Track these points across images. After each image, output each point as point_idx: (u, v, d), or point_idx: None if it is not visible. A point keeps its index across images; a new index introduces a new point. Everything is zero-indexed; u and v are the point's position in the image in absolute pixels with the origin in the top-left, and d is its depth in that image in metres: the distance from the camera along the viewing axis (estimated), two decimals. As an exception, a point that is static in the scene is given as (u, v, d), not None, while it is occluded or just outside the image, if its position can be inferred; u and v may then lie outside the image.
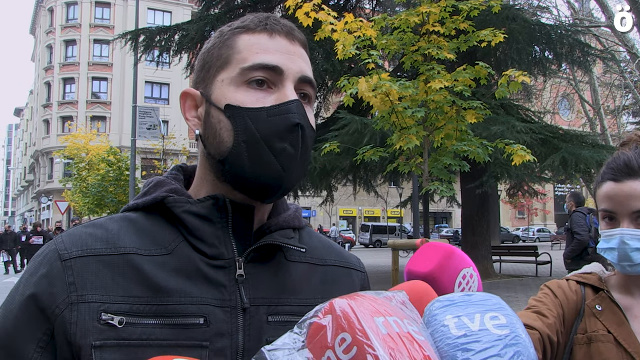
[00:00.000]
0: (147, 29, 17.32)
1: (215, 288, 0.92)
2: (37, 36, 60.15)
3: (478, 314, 0.83)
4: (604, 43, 22.26)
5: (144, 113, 22.72)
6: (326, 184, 18.33)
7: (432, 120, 7.22)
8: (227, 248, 0.96)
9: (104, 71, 48.75)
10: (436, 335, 0.81)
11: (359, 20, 6.95)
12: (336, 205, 31.04)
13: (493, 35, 7.01)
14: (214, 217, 0.96)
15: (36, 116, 56.19)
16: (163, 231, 0.96)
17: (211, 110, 0.98)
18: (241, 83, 0.96)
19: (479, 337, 0.79)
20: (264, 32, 0.99)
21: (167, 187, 1.00)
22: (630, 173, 1.49)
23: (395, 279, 7.18)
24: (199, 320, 0.89)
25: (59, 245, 0.91)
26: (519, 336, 0.81)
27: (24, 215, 70.78)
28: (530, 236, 53.06)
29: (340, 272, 1.11)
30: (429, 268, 1.06)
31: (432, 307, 0.87)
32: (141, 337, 0.85)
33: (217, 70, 0.99)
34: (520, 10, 16.48)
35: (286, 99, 0.95)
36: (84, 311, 0.85)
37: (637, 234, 1.45)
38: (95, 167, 31.01)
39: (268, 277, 0.98)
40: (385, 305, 0.78)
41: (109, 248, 0.91)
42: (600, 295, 1.57)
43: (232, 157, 0.94)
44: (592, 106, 26.70)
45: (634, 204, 1.46)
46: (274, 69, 0.96)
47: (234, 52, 0.98)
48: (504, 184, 22.10)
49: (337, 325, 0.72)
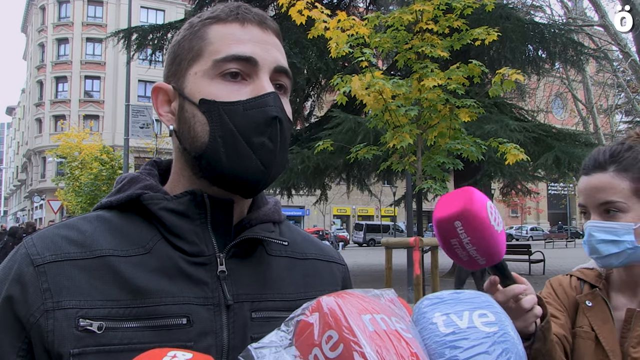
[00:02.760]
0: (140, 27, 17.27)
1: (196, 286, 0.90)
2: (28, 34, 59.84)
3: (467, 311, 0.83)
4: (597, 42, 22.32)
5: (137, 112, 22.69)
6: (320, 182, 18.34)
7: (426, 119, 7.22)
8: (207, 244, 0.93)
9: (97, 70, 48.61)
10: (424, 333, 0.81)
11: (352, 18, 6.94)
12: (330, 204, 31.03)
13: (487, 33, 7.01)
14: (192, 213, 0.94)
15: (28, 115, 55.93)
16: (139, 230, 0.93)
17: (185, 105, 0.95)
18: (215, 75, 0.93)
19: (467, 335, 0.79)
20: (236, 21, 0.96)
21: (141, 183, 0.97)
22: (597, 166, 1.50)
23: (389, 278, 7.16)
24: (181, 320, 0.87)
25: (31, 250, 0.87)
26: (508, 334, 0.81)
27: (16, 215, 70.45)
28: (524, 235, 53.34)
29: (322, 265, 1.10)
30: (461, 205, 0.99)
31: (421, 304, 0.87)
32: (122, 341, 0.83)
33: (189, 63, 0.96)
34: (514, 9, 16.49)
35: (263, 91, 0.92)
36: (61, 318, 0.82)
37: (601, 226, 1.45)
38: (88, 166, 30.95)
39: (250, 272, 0.96)
40: (373, 303, 0.77)
41: (84, 252, 0.88)
42: (593, 292, 1.57)
43: (209, 152, 0.91)
44: (585, 105, 26.77)
45: (600, 195, 1.46)
46: (248, 60, 0.93)
47: (205, 44, 0.95)
48: (498, 183, 22.14)
49: (324, 322, 0.72)
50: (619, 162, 1.47)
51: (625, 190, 1.44)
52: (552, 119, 32.30)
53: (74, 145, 33.79)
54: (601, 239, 1.44)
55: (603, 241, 1.44)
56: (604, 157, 1.50)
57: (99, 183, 29.43)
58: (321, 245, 1.16)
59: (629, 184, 1.45)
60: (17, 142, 74.98)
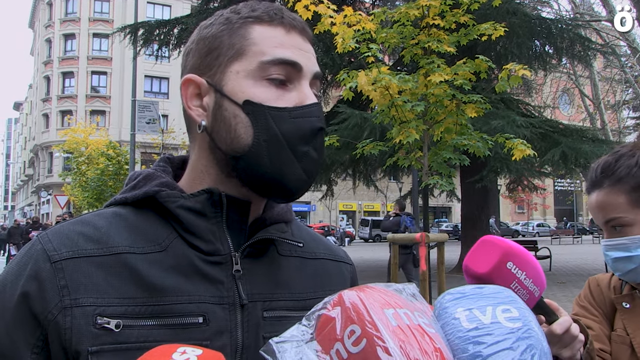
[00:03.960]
0: (146, 22, 17.27)
1: (212, 285, 0.90)
2: (36, 30, 59.98)
3: (490, 306, 0.82)
4: (604, 37, 22.24)
5: (143, 107, 22.69)
6: (326, 178, 18.32)
7: (432, 114, 7.19)
8: (222, 243, 0.93)
9: (104, 65, 48.67)
10: (447, 328, 0.80)
11: (359, 13, 6.91)
12: (336, 200, 31.02)
13: (493, 29, 6.97)
14: (209, 211, 0.93)
15: (35, 110, 56.12)
16: (155, 227, 0.92)
17: (224, 103, 0.93)
18: (260, 78, 0.92)
19: (491, 330, 0.78)
20: (281, 26, 0.95)
21: (157, 180, 0.96)
22: (593, 184, 1.46)
23: (394, 274, 7.17)
24: (198, 319, 0.86)
25: (47, 245, 0.86)
26: (532, 329, 0.81)
27: (23, 210, 70.72)
28: (530, 231, 53.18)
29: (331, 265, 1.10)
30: (501, 247, 0.97)
31: (443, 299, 0.86)
32: (139, 339, 0.82)
33: (229, 60, 0.94)
34: (521, 4, 16.42)
35: (307, 99, 0.92)
36: (79, 316, 0.81)
37: (612, 244, 1.41)
38: (94, 162, 31.00)
39: (263, 272, 0.96)
40: (395, 298, 0.77)
41: (100, 248, 0.87)
42: (633, 294, 1.49)
43: (251, 155, 0.90)
44: (593, 101, 26.68)
45: (602, 214, 1.42)
46: (294, 65, 0.93)
47: (249, 44, 0.93)
48: (504, 179, 22.07)
49: (347, 317, 0.72)
50: (611, 175, 1.42)
51: (622, 204, 1.39)
52: (559, 114, 32.17)
53: (81, 141, 33.86)
54: (615, 257, 1.40)
55: (617, 259, 1.39)
56: (596, 174, 1.45)
57: (106, 178, 29.48)
58: (330, 244, 1.16)
59: (625, 197, 1.39)
60: (24, 137, 75.21)
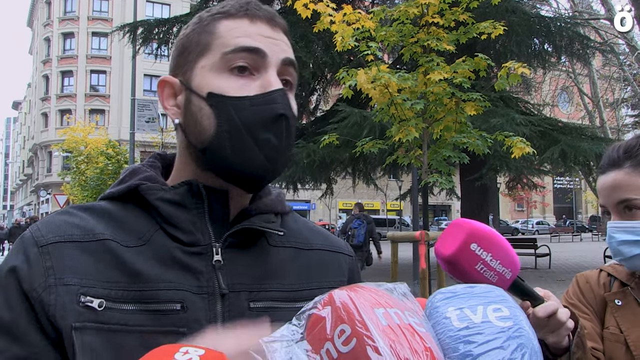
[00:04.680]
0: (145, 21, 17.25)
1: (192, 275, 0.91)
2: (34, 29, 59.99)
3: (480, 306, 0.82)
4: (603, 36, 22.21)
5: (142, 106, 22.72)
6: (325, 176, 18.32)
7: (432, 112, 7.20)
8: (203, 234, 0.94)
9: (103, 64, 48.65)
10: (438, 328, 0.80)
11: (358, 12, 6.92)
12: (336, 198, 31.00)
13: (493, 27, 6.97)
14: (189, 203, 0.95)
15: (34, 109, 56.10)
16: (138, 221, 0.94)
17: (192, 98, 0.96)
18: (223, 69, 0.94)
19: (481, 329, 0.78)
20: (245, 17, 0.96)
21: (141, 174, 0.99)
22: (612, 164, 1.42)
23: (394, 272, 7.17)
24: (175, 306, 0.87)
25: (35, 233, 0.90)
26: (523, 328, 0.80)
27: (22, 209, 70.75)
28: (530, 229, 53.22)
29: (327, 256, 1.09)
30: (466, 229, 0.99)
31: (434, 299, 0.86)
32: (120, 322, 0.84)
33: (196, 57, 0.97)
34: (520, 2, 16.39)
35: (270, 86, 0.93)
36: (63, 294, 0.84)
37: (621, 226, 1.36)
38: (94, 161, 31.04)
39: (248, 262, 0.97)
40: (386, 297, 0.76)
41: (86, 234, 0.90)
42: (624, 290, 1.46)
43: (214, 146, 0.92)
44: (591, 99, 26.69)
45: (617, 194, 1.38)
46: (257, 52, 0.94)
47: (214, 38, 0.96)
48: (504, 177, 22.08)
49: (337, 316, 0.71)
50: (634, 156, 1.38)
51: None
52: (558, 112, 32.21)
53: (80, 140, 33.88)
54: (622, 240, 1.35)
55: (624, 242, 1.35)
56: (618, 154, 1.41)
57: (105, 177, 29.49)
58: (328, 235, 1.15)
59: None
60: (23, 136, 75.20)
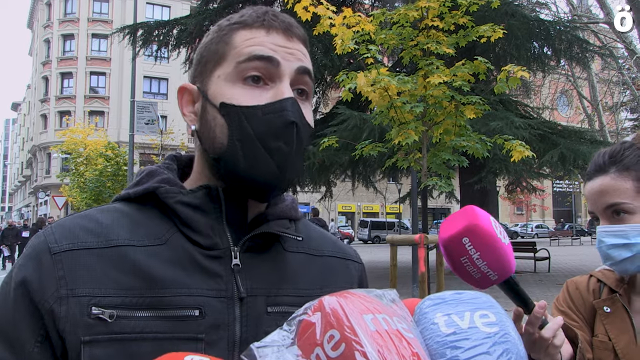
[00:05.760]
0: (145, 23, 17.29)
1: (211, 278, 0.91)
2: (34, 30, 60.00)
3: (468, 312, 0.83)
4: (602, 39, 22.28)
5: (142, 108, 22.72)
6: (325, 179, 18.35)
7: (431, 116, 7.22)
8: (221, 238, 0.95)
9: (102, 66, 48.67)
10: (426, 333, 0.81)
11: (358, 15, 6.93)
12: (335, 201, 31.05)
13: (492, 30, 6.99)
14: (207, 207, 0.95)
15: (34, 111, 56.07)
16: (156, 222, 0.95)
17: (207, 107, 0.97)
18: (237, 79, 0.95)
19: (468, 335, 0.79)
20: (262, 27, 0.97)
21: (159, 177, 0.99)
22: (598, 169, 1.44)
23: (394, 275, 7.17)
24: (194, 312, 0.87)
25: (49, 238, 0.90)
26: (509, 334, 0.82)
27: (21, 211, 70.72)
28: (529, 232, 53.21)
29: (338, 263, 1.11)
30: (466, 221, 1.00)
31: (423, 305, 0.87)
32: (134, 330, 0.84)
33: (213, 66, 0.98)
34: (519, 6, 16.45)
35: (282, 96, 0.93)
36: (74, 306, 0.84)
37: (610, 230, 1.37)
38: (93, 162, 31.07)
39: (266, 267, 0.97)
40: (375, 303, 0.77)
41: (100, 241, 0.89)
42: (613, 297, 1.47)
43: (227, 155, 0.93)
44: (591, 102, 26.73)
45: (604, 199, 1.40)
46: (270, 60, 0.94)
47: (230, 48, 0.97)
48: (503, 180, 22.10)
49: (326, 322, 0.72)
50: (619, 161, 1.40)
51: (629, 190, 1.37)
52: (557, 116, 32.23)
53: (79, 141, 33.87)
54: (611, 244, 1.36)
55: (614, 246, 1.35)
56: (604, 159, 1.43)
57: (104, 179, 29.53)
58: (338, 243, 1.17)
59: (632, 183, 1.37)
60: (22, 138, 75.13)
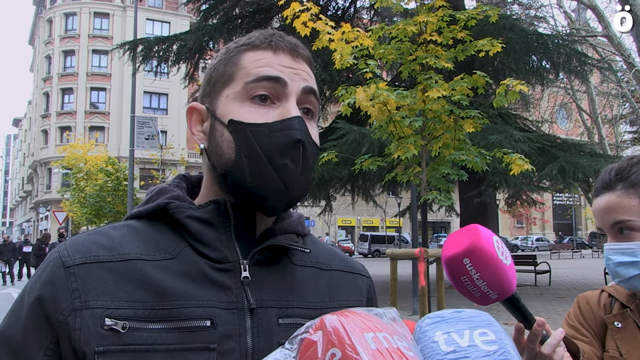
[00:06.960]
0: (145, 39, 17.38)
1: (221, 290, 0.93)
2: (36, 47, 60.31)
3: (467, 330, 0.84)
4: (600, 53, 22.38)
5: (142, 123, 22.72)
6: (325, 193, 18.34)
7: (430, 130, 7.23)
8: (230, 251, 0.97)
9: (103, 81, 48.89)
10: (426, 352, 0.82)
11: (357, 30, 6.96)
12: (335, 215, 31.03)
13: (491, 45, 7.02)
14: (216, 221, 0.98)
15: (35, 126, 56.23)
16: (166, 237, 0.97)
17: (216, 125, 1.00)
18: (245, 98, 0.98)
19: (468, 353, 0.80)
20: (269, 48, 1.01)
21: (169, 194, 1.02)
22: (605, 187, 1.44)
23: (394, 289, 7.15)
24: (205, 322, 0.89)
25: (62, 253, 0.92)
26: (508, 352, 0.82)
27: (22, 226, 70.61)
28: (529, 245, 53.07)
29: (345, 277, 1.12)
30: (467, 242, 1.00)
31: (422, 323, 0.88)
32: (146, 341, 0.85)
33: (222, 86, 1.01)
34: (518, 20, 16.54)
35: (289, 114, 0.96)
36: (88, 317, 0.86)
37: (617, 248, 1.37)
38: (93, 177, 31.07)
39: (274, 279, 0.99)
40: (375, 322, 0.78)
41: (112, 255, 0.92)
42: (624, 312, 1.46)
43: (234, 171, 0.95)
44: (590, 115, 26.79)
45: (611, 216, 1.39)
46: (277, 80, 0.97)
47: (238, 69, 1.00)
48: (503, 194, 22.09)
49: (328, 340, 0.73)
50: (625, 178, 1.40)
51: (635, 207, 1.36)
52: (556, 129, 32.31)
53: (80, 157, 33.90)
54: (619, 262, 1.36)
55: (621, 264, 1.35)
56: (610, 176, 1.43)
57: (104, 194, 29.50)
58: (345, 257, 1.18)
59: (638, 200, 1.36)
60: (23, 153, 75.24)
